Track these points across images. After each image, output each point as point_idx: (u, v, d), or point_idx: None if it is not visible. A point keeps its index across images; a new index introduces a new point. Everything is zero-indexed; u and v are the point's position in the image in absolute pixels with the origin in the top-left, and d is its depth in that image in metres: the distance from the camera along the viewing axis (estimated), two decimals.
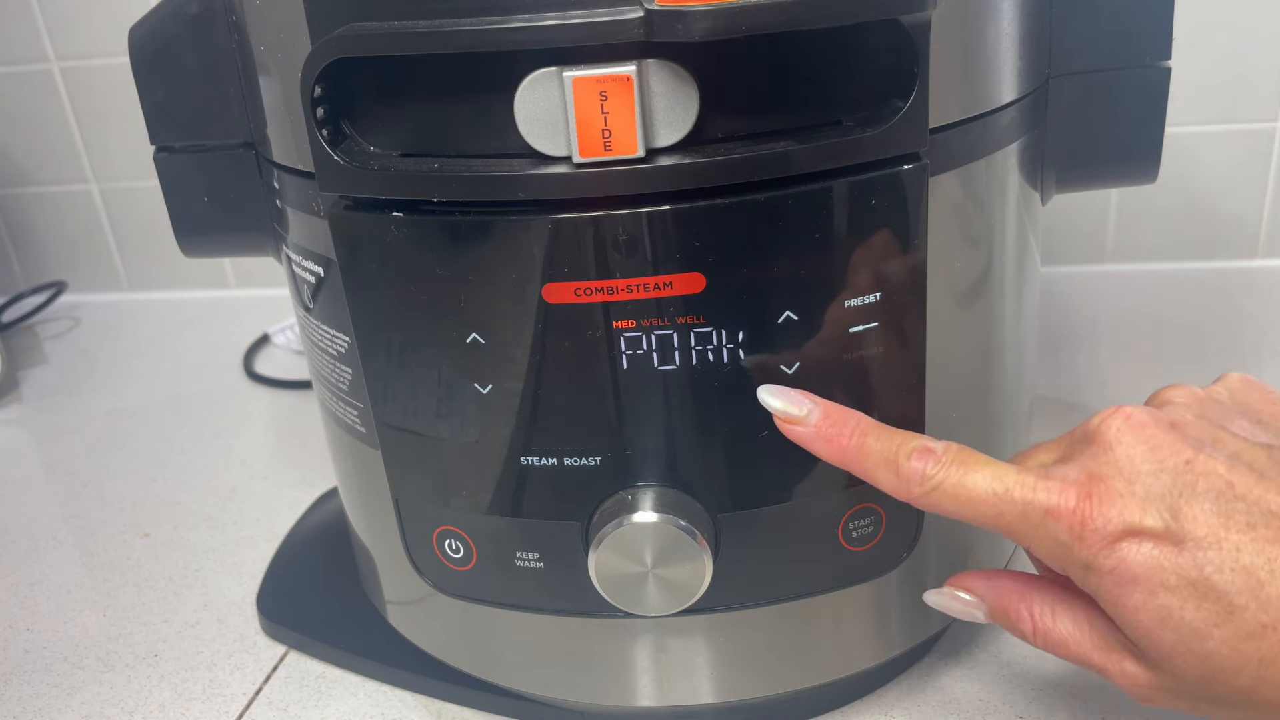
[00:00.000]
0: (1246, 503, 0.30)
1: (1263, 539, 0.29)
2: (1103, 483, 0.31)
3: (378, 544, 0.47)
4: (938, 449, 0.34)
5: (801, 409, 0.35)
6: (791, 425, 0.35)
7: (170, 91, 0.41)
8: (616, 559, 0.37)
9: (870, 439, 0.34)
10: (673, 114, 0.32)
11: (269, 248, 0.44)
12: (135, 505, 0.67)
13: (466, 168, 0.33)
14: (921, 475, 0.33)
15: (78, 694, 0.51)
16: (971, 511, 0.33)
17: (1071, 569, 0.32)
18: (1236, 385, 0.35)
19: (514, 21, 0.30)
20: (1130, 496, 0.31)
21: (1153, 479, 0.31)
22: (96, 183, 0.97)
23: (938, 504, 0.33)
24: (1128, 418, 0.32)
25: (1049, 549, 0.32)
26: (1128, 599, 0.31)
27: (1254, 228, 0.84)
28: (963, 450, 0.34)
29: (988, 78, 0.37)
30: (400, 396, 0.38)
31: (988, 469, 0.33)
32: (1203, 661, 0.30)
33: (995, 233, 0.40)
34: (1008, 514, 0.32)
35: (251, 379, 0.83)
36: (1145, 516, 0.30)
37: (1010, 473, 0.33)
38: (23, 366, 0.89)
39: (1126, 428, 0.32)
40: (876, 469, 0.34)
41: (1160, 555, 0.30)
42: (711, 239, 0.33)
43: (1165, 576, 0.30)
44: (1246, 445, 0.32)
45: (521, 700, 0.46)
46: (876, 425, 0.35)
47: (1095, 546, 0.31)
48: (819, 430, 0.35)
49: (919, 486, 0.33)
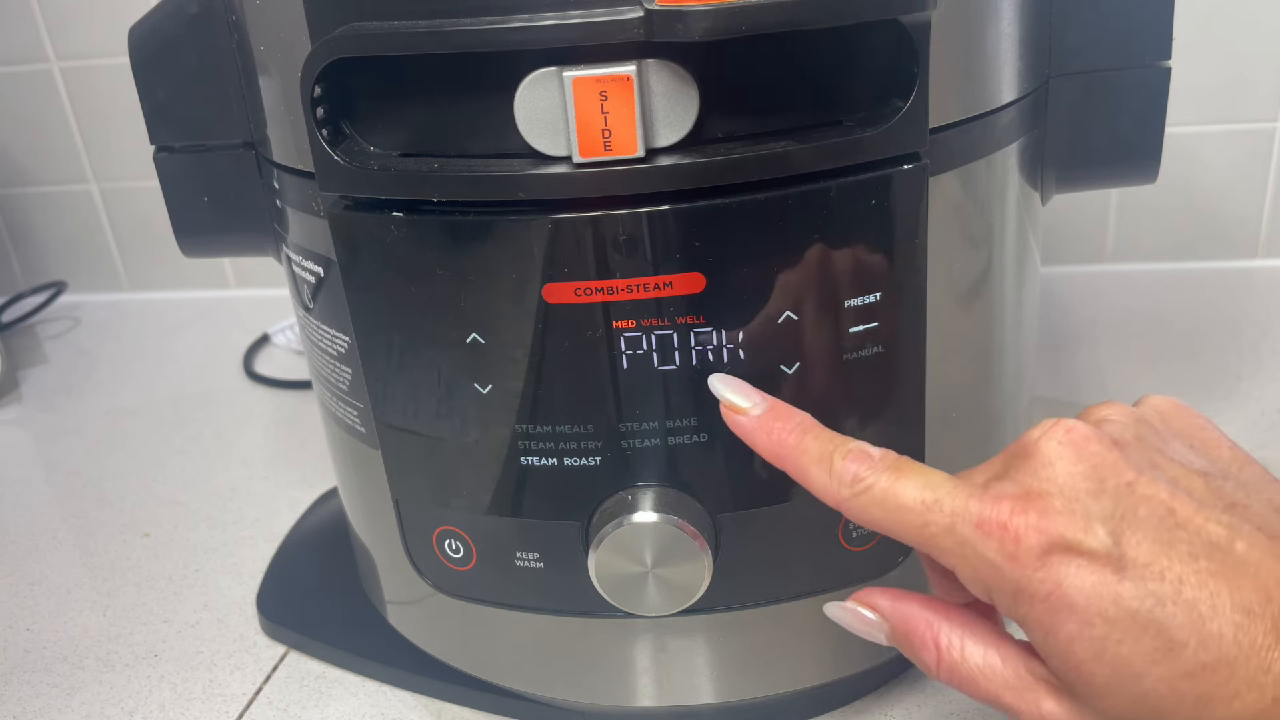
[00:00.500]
0: (1188, 531, 0.28)
1: (1205, 571, 0.27)
2: (1040, 499, 0.29)
3: (378, 544, 0.47)
4: (874, 453, 0.32)
5: (748, 400, 0.34)
6: (735, 415, 0.34)
7: (170, 91, 0.41)
8: (616, 559, 0.37)
9: (810, 437, 0.33)
10: (673, 114, 0.32)
11: (269, 248, 0.44)
12: (135, 505, 0.67)
13: (466, 168, 0.33)
14: (853, 476, 0.31)
15: (78, 694, 0.51)
16: (898, 520, 0.30)
17: (999, 593, 0.29)
18: (1167, 408, 0.33)
19: (514, 21, 0.30)
20: (1070, 514, 0.28)
21: (1093, 499, 0.28)
22: (96, 183, 0.97)
23: (865, 509, 0.31)
24: (1068, 431, 0.30)
25: (976, 569, 0.29)
26: (1061, 628, 0.28)
27: (1254, 228, 0.84)
28: (901, 459, 0.32)
29: (988, 78, 0.37)
30: (400, 396, 0.38)
31: (920, 477, 0.31)
32: (1137, 700, 0.27)
33: (995, 233, 0.40)
34: (934, 525, 0.30)
35: (251, 379, 0.83)
36: (1086, 536, 0.28)
37: (944, 483, 0.30)
38: (23, 366, 0.89)
39: (1067, 442, 0.30)
40: (810, 466, 0.32)
41: (1100, 582, 0.27)
42: (711, 239, 0.33)
43: (1104, 605, 0.27)
44: (1184, 471, 0.30)
45: (521, 700, 0.46)
46: (819, 426, 0.33)
47: (1029, 566, 0.28)
48: (760, 422, 0.34)
49: (849, 488, 0.31)
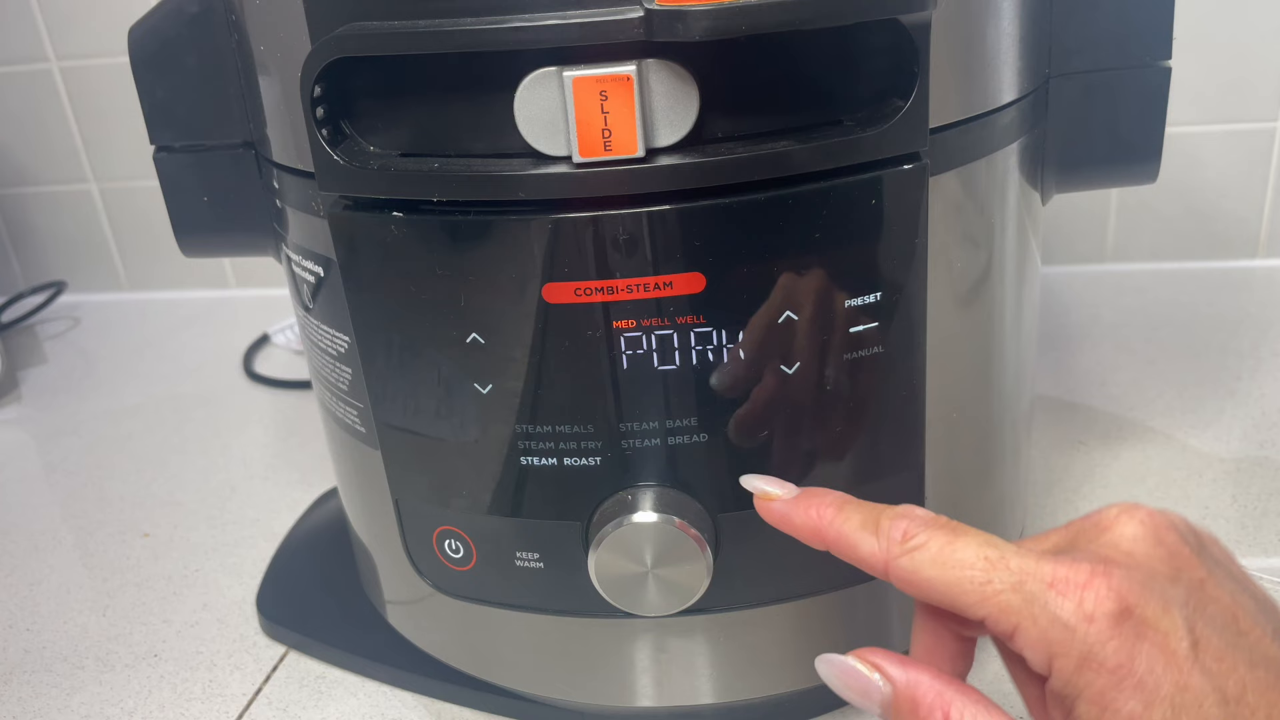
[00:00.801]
0: (1249, 640, 0.27)
1: (1263, 682, 0.27)
2: (1122, 569, 0.28)
3: (378, 544, 0.47)
4: (924, 513, 0.31)
5: (781, 488, 0.34)
6: (769, 503, 0.34)
7: (170, 91, 0.41)
8: (616, 559, 0.37)
9: (851, 507, 0.32)
10: (673, 114, 0.32)
11: (269, 248, 0.44)
12: (135, 505, 0.67)
13: (466, 167, 0.33)
14: (904, 533, 0.30)
15: (78, 694, 0.51)
16: (957, 577, 0.29)
17: (1063, 658, 0.27)
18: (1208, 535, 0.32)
19: (514, 21, 0.30)
20: (1149, 590, 0.27)
21: (1170, 585, 0.28)
22: (96, 182, 0.97)
23: (918, 568, 0.30)
24: (1150, 515, 0.29)
25: (1044, 629, 0.28)
26: (1123, 705, 0.26)
27: (1254, 228, 0.84)
28: (953, 521, 0.31)
29: (988, 78, 0.37)
30: (400, 396, 0.38)
31: (979, 535, 0.30)
32: None
33: (995, 233, 0.40)
34: (999, 581, 0.28)
35: (251, 379, 0.83)
36: (1164, 616, 0.27)
37: (1006, 544, 0.29)
38: (23, 366, 0.89)
39: (1149, 524, 0.29)
40: (854, 532, 0.31)
41: (1171, 666, 0.26)
42: (711, 239, 0.33)
43: (1172, 691, 0.26)
44: (1238, 588, 0.29)
45: (521, 700, 0.46)
46: (857, 499, 0.33)
47: (1104, 632, 0.27)
48: (795, 502, 0.33)
49: (900, 546, 0.30)
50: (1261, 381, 0.68)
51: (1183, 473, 0.59)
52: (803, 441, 0.37)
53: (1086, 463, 0.61)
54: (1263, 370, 0.69)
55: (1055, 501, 0.58)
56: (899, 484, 0.39)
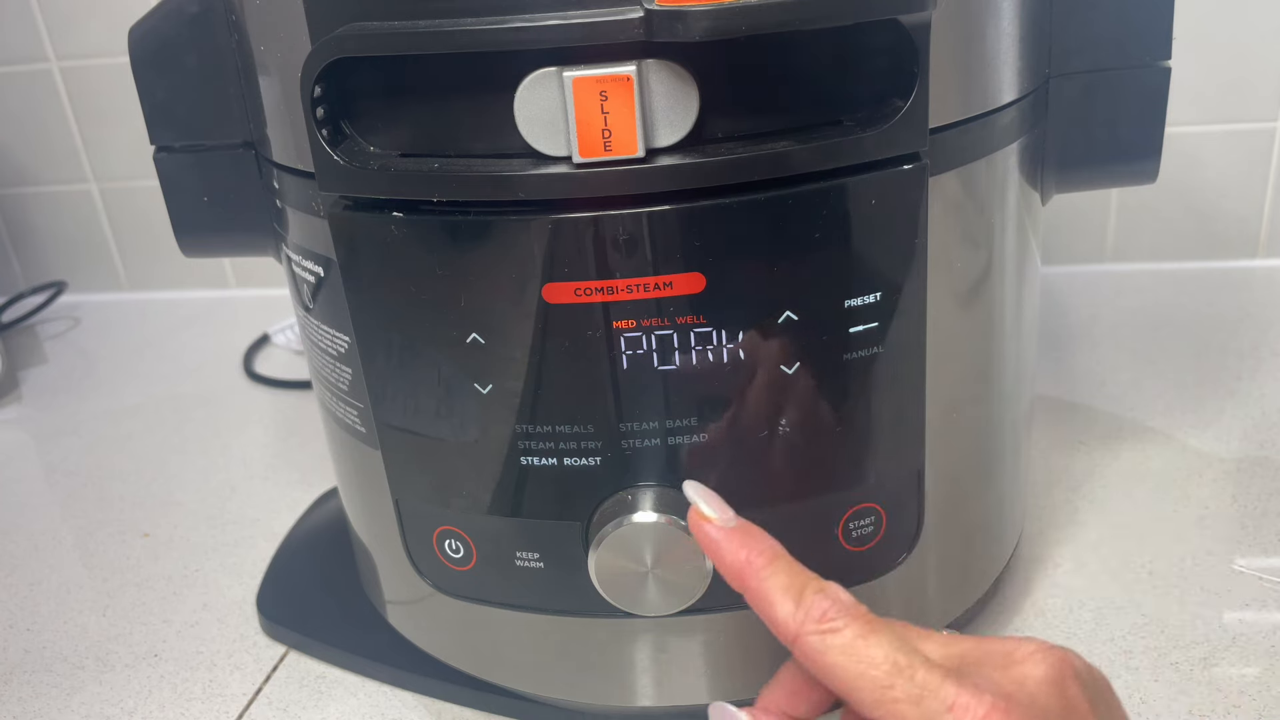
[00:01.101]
0: None
1: None
2: (1019, 709, 0.28)
3: (378, 544, 0.47)
4: (848, 600, 0.31)
5: (720, 513, 0.34)
6: (703, 523, 0.34)
7: (170, 91, 0.41)
8: (616, 559, 0.37)
9: (782, 563, 0.32)
10: (673, 114, 0.32)
11: (269, 248, 0.44)
12: (135, 505, 0.67)
13: (466, 168, 0.33)
14: (823, 613, 0.30)
15: (78, 694, 0.51)
16: (859, 673, 0.29)
17: None
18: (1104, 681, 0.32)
19: (514, 21, 0.30)
20: None
21: None
22: (96, 182, 0.97)
23: (825, 650, 0.30)
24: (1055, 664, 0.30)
25: None
26: None
27: (1254, 228, 0.84)
28: (873, 616, 0.31)
29: (988, 78, 0.37)
30: (400, 396, 0.38)
31: (894, 638, 0.30)
32: None
33: (995, 233, 0.40)
34: (900, 690, 0.29)
35: (251, 379, 0.83)
36: None
37: (916, 652, 0.30)
38: (23, 366, 0.89)
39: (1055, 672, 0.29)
40: (775, 591, 0.32)
41: None
42: (711, 239, 0.33)
43: None
44: None
45: (521, 700, 0.46)
46: (791, 558, 0.33)
47: None
48: (731, 535, 0.33)
49: (815, 624, 0.30)
50: (1261, 381, 0.68)
51: (1183, 473, 0.59)
52: (802, 441, 0.37)
53: (1086, 463, 0.61)
54: (1263, 370, 0.69)
55: (1055, 501, 0.58)
56: (899, 484, 0.39)
